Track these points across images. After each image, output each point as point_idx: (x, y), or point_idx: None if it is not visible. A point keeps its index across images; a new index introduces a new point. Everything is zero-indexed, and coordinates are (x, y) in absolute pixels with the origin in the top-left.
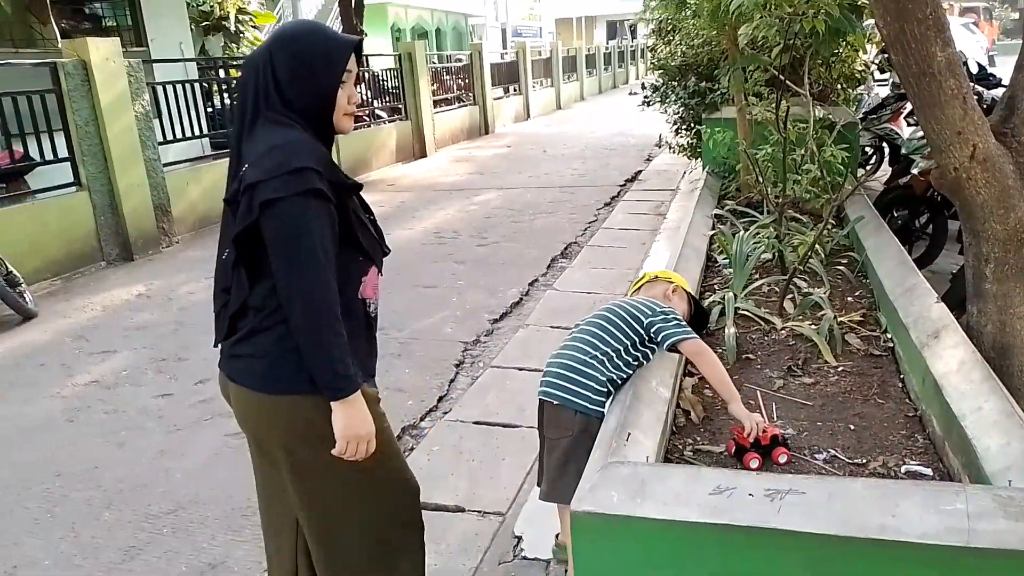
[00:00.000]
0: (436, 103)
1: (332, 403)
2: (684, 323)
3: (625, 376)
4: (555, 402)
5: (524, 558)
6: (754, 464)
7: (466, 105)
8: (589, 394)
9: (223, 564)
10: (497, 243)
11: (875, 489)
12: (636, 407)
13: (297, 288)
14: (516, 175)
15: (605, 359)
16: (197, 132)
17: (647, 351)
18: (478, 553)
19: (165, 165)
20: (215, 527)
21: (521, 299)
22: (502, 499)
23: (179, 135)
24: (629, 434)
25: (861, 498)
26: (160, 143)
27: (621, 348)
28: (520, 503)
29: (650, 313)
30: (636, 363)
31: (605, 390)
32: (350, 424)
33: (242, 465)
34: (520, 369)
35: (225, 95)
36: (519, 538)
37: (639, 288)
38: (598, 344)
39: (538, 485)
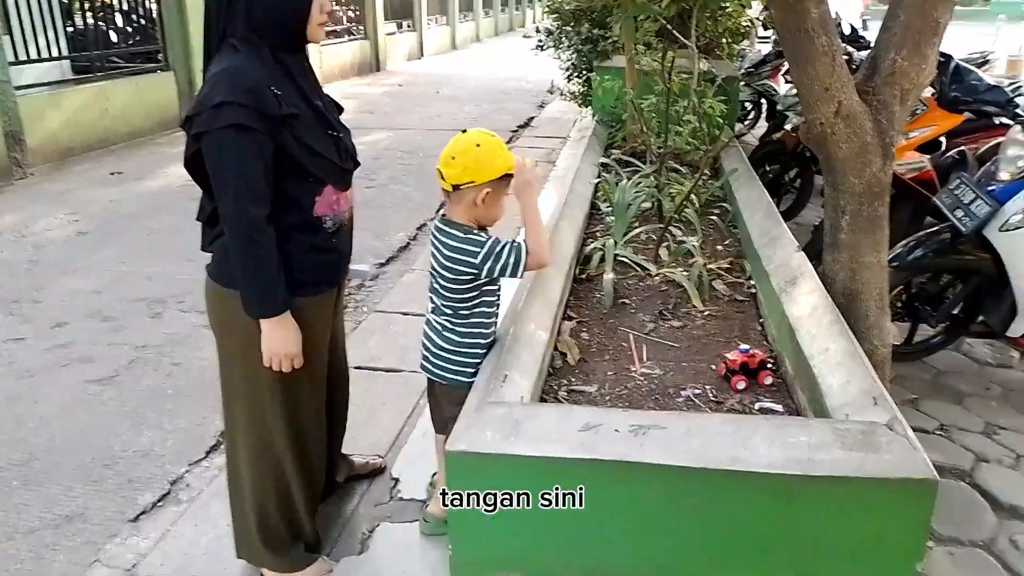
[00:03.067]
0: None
1: (260, 321)
2: (506, 248)
3: (490, 312)
4: (443, 382)
5: (400, 499)
6: (741, 385)
7: (356, 39)
8: (467, 367)
9: (80, 516)
10: (385, 185)
11: (730, 424)
12: (514, 349)
13: (223, 214)
14: (407, 116)
15: (463, 322)
16: (56, 53)
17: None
18: (355, 496)
19: (17, 88)
20: (72, 477)
21: (408, 243)
22: (382, 443)
23: (34, 55)
24: (506, 376)
25: (717, 433)
26: (11, 63)
27: (469, 302)
28: (400, 446)
29: (473, 262)
30: (495, 290)
31: (483, 345)
32: (272, 343)
33: (105, 413)
34: (404, 314)
35: (89, 14)
36: (396, 480)
37: (446, 183)
38: (446, 312)
39: (437, 433)
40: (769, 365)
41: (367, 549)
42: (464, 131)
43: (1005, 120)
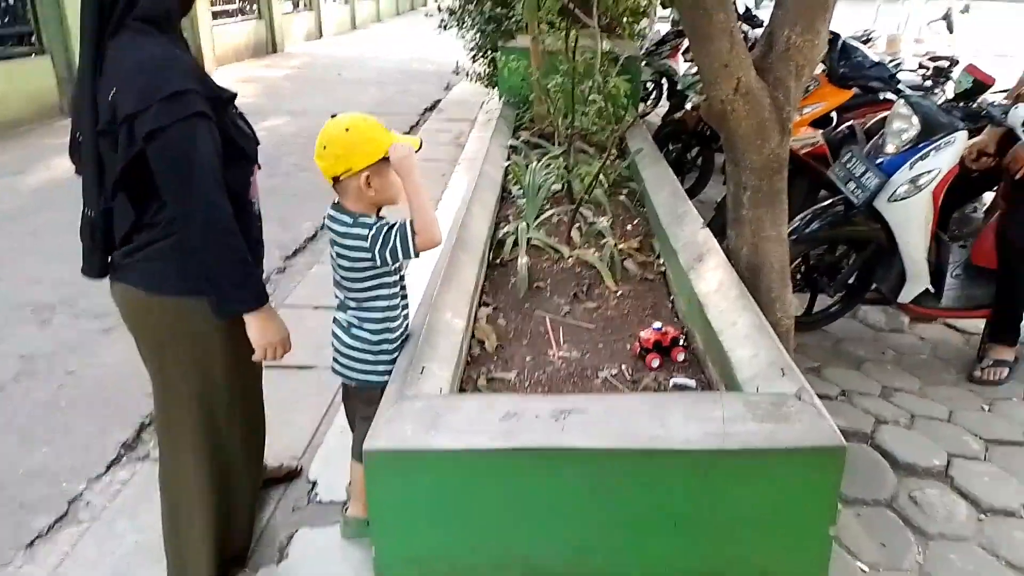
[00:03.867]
0: (215, 15)
1: (244, 316)
2: (393, 229)
3: (394, 305)
4: (353, 384)
5: (319, 502)
6: (655, 363)
7: (250, 18)
8: (377, 366)
9: None
10: (289, 173)
11: (647, 403)
12: (431, 339)
13: (191, 214)
14: (309, 99)
15: (369, 316)
16: None
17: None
18: (271, 502)
19: None
20: None
21: (316, 233)
22: (297, 445)
23: None
24: (423, 367)
25: (635, 412)
26: None
27: (367, 292)
28: (316, 446)
29: (364, 246)
30: (394, 281)
31: (393, 341)
32: (265, 333)
33: None
34: (315, 308)
35: None
36: (314, 483)
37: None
38: (351, 306)
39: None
40: (681, 342)
41: (286, 557)
42: (334, 115)
43: (889, 95)
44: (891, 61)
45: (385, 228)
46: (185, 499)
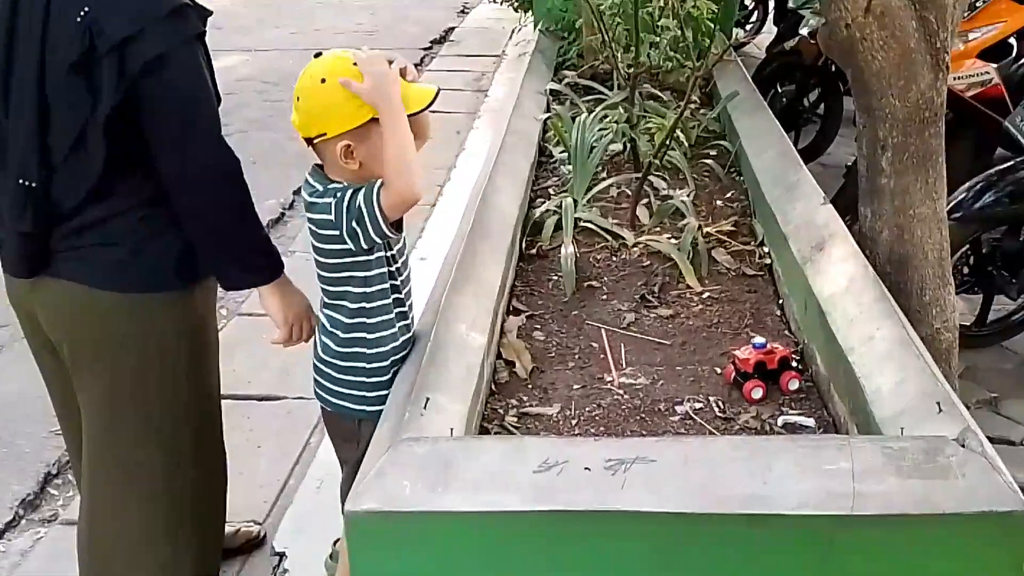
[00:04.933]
0: None
1: (262, 289)
2: (359, 192)
3: (380, 308)
4: (328, 407)
5: None
6: (757, 394)
7: None
8: (356, 391)
9: None
10: (245, 132)
11: (743, 449)
12: (438, 360)
13: (204, 166)
14: (273, 30)
15: (348, 322)
16: None
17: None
18: None
19: None
20: None
21: (282, 214)
22: (258, 503)
23: None
24: (428, 399)
25: (726, 462)
26: None
27: (343, 291)
28: (284, 506)
29: (330, 219)
30: (375, 276)
31: (379, 358)
32: (289, 304)
33: None
34: None
35: None
36: (281, 555)
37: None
38: (328, 304)
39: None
40: (794, 364)
41: None
42: (318, 54)
43: None
44: None
45: (351, 192)
46: (125, 568)
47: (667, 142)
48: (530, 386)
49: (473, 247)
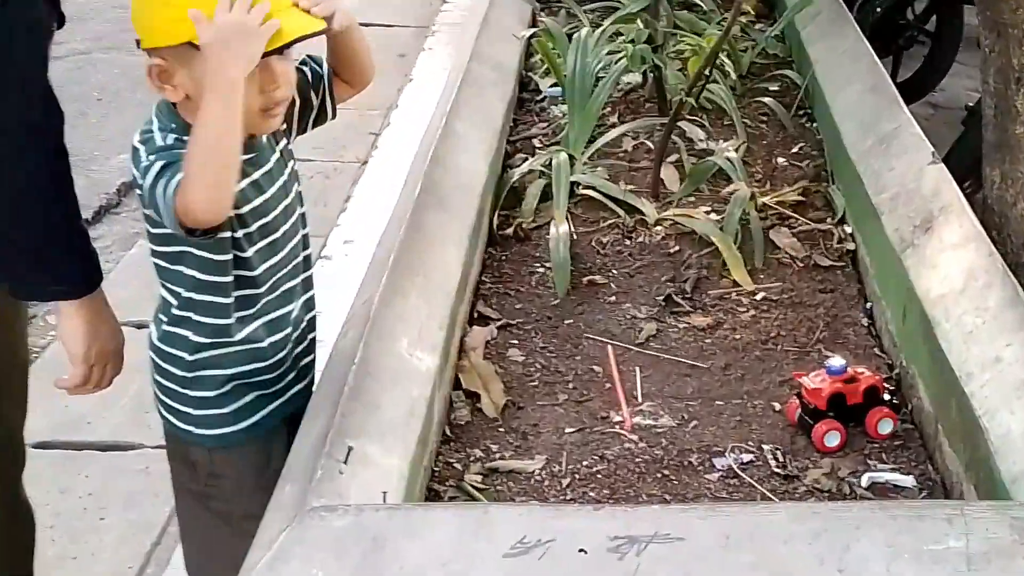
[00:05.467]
0: None
1: (64, 305)
2: (153, 177)
3: (214, 304)
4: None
5: None
6: (832, 440)
7: None
8: (184, 404)
9: None
10: (86, 55)
11: (810, 522)
12: (365, 392)
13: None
14: None
15: (164, 302)
16: None
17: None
18: None
19: None
20: None
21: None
22: None
23: None
24: (350, 448)
25: (785, 541)
26: None
27: (176, 271)
28: None
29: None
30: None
31: (189, 359)
32: (96, 332)
33: None
34: (138, 326)
35: None
36: None
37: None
38: (164, 284)
39: None
40: (886, 396)
41: None
42: None
43: None
44: None
45: (156, 163)
46: None
47: (706, 72)
48: (502, 429)
49: (420, 225)
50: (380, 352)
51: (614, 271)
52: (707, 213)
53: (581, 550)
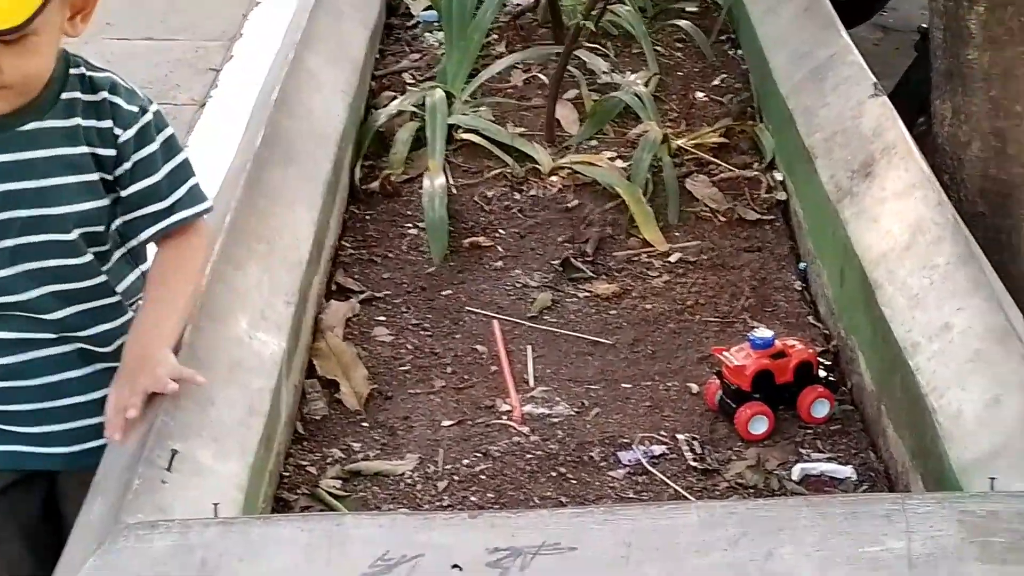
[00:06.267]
0: None
1: None
2: None
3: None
4: None
5: None
6: (759, 427)
7: None
8: None
9: None
10: None
11: (728, 525)
12: (192, 383)
13: None
14: None
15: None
16: None
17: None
18: None
19: None
20: None
21: None
22: None
23: None
24: (174, 452)
25: (693, 549)
26: None
27: None
28: None
29: None
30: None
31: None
32: None
33: None
34: None
35: None
36: None
37: None
38: None
39: None
40: (821, 373)
41: None
42: None
43: None
44: None
45: None
46: None
47: None
48: (366, 424)
49: (261, 182)
50: (213, 336)
51: (501, 231)
52: (612, 160)
53: (455, 566)
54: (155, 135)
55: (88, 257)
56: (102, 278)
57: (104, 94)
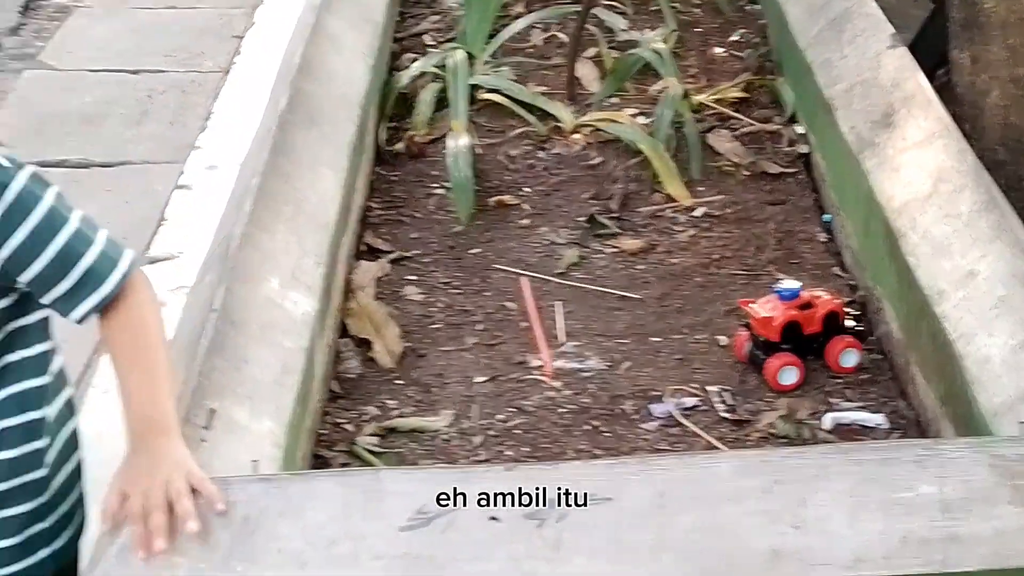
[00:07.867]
0: None
1: None
2: None
3: None
4: None
5: None
6: (789, 378)
7: None
8: None
9: None
10: None
11: (761, 475)
12: (229, 343)
13: None
14: None
15: None
16: None
17: None
18: None
19: None
20: None
21: None
22: None
23: None
24: (212, 410)
25: (727, 497)
26: None
27: None
28: None
29: None
30: None
31: None
32: None
33: None
34: None
35: None
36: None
37: None
38: None
39: None
40: (850, 323)
41: None
42: None
43: None
44: None
45: None
46: None
47: None
48: (401, 381)
49: (287, 146)
50: (245, 297)
51: (526, 189)
52: (633, 116)
53: (492, 518)
54: (32, 207)
55: None
56: None
57: None
